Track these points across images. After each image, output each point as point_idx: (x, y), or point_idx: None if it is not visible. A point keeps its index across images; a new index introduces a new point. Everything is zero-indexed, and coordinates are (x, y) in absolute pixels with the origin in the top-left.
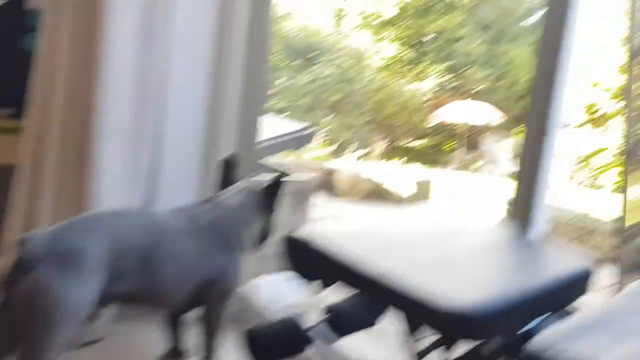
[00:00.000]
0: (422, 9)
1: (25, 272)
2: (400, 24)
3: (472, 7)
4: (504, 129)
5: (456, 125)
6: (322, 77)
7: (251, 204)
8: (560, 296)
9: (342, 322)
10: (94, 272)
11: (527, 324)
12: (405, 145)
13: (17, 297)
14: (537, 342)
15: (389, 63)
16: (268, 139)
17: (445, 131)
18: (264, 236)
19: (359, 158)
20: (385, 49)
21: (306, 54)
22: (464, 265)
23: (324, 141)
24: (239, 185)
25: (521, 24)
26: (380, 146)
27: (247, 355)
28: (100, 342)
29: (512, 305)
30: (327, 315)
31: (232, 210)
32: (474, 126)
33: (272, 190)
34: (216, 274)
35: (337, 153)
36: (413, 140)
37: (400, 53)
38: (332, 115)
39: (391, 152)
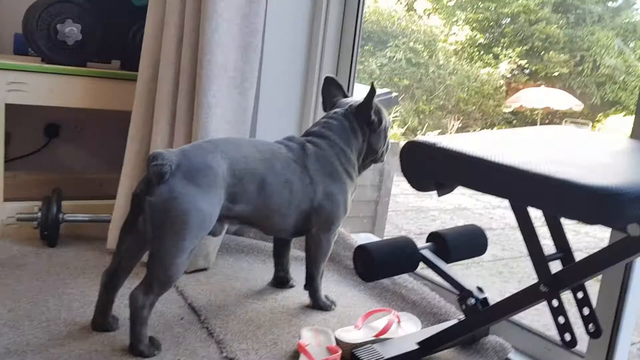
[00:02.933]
0: None
1: (159, 183)
2: (475, 5)
3: None
4: (583, 117)
5: (534, 110)
6: (393, 61)
7: (353, 124)
8: None
9: (450, 248)
10: (218, 188)
11: None
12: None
13: (152, 205)
14: None
15: (462, 47)
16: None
17: (521, 117)
18: (374, 152)
19: None
20: (458, 33)
21: (377, 37)
22: (599, 163)
23: (393, 124)
24: (338, 108)
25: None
26: (452, 132)
27: (361, 269)
28: (206, 271)
29: None
30: (434, 241)
31: (336, 135)
32: (550, 113)
33: (368, 105)
34: (323, 201)
35: (407, 136)
36: (487, 126)
37: (474, 36)
38: (401, 99)
39: None
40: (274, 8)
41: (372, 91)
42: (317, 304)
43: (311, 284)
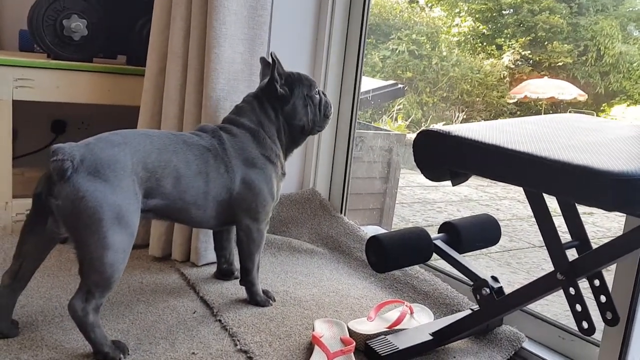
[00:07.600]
0: None
1: (61, 181)
2: None
3: None
4: (587, 107)
5: (538, 101)
6: (396, 53)
7: (263, 104)
8: None
9: (462, 238)
10: (130, 182)
11: None
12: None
13: (60, 209)
14: None
15: (464, 38)
16: (366, 91)
17: (525, 108)
18: (298, 126)
19: None
20: (461, 24)
21: (379, 30)
22: (614, 148)
23: (397, 116)
24: (248, 95)
25: None
26: (456, 123)
27: (374, 260)
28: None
29: None
30: (447, 231)
31: (246, 119)
32: (554, 104)
33: (273, 79)
34: (242, 190)
35: (411, 128)
36: (491, 117)
37: (477, 27)
38: (404, 90)
39: None
40: (280, 0)
41: (274, 62)
42: (254, 299)
43: (246, 279)
